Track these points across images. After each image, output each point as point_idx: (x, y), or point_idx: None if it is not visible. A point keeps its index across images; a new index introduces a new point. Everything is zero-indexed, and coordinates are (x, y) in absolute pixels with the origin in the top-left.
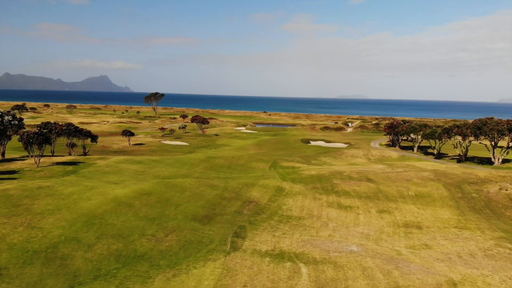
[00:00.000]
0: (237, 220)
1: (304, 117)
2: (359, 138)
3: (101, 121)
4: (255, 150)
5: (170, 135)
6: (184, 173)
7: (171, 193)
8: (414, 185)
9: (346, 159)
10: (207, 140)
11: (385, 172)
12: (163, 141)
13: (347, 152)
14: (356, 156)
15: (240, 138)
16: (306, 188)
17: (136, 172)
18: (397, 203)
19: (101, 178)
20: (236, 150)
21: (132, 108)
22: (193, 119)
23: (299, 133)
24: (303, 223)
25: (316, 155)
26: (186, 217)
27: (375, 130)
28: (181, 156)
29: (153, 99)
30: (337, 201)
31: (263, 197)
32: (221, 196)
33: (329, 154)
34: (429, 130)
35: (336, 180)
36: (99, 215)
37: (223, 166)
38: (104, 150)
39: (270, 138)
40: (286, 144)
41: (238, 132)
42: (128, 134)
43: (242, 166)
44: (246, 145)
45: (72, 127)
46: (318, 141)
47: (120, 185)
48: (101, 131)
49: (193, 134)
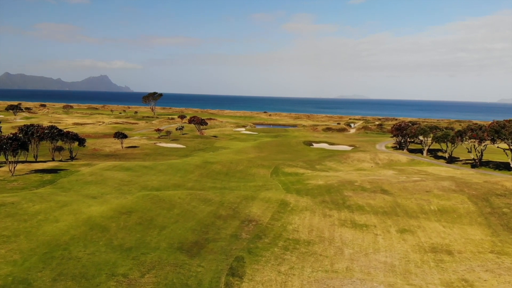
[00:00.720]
0: (234, 248)
1: (305, 118)
2: (364, 140)
3: (96, 122)
4: (255, 154)
5: (166, 137)
6: (176, 182)
7: (157, 210)
8: (436, 197)
9: (352, 163)
10: (205, 142)
11: (400, 182)
12: (158, 143)
13: (353, 156)
14: (363, 160)
15: (239, 140)
16: (314, 202)
17: (121, 182)
18: (418, 220)
19: (80, 190)
20: (235, 153)
21: (130, 108)
22: (190, 120)
23: (300, 134)
24: (313, 250)
25: (320, 159)
26: (170, 245)
27: (379, 131)
28: (175, 161)
29: (151, 99)
30: (350, 218)
31: (264, 214)
32: (216, 214)
33: (334, 158)
34: (440, 133)
35: (347, 192)
36: (64, 244)
37: (220, 172)
38: (94, 154)
39: (270, 140)
40: (287, 146)
41: (237, 133)
42: (121, 137)
43: (241, 173)
44: (246, 147)
45: (56, 130)
46: (321, 143)
47: (99, 200)
48: (95, 132)
49: (190, 136)
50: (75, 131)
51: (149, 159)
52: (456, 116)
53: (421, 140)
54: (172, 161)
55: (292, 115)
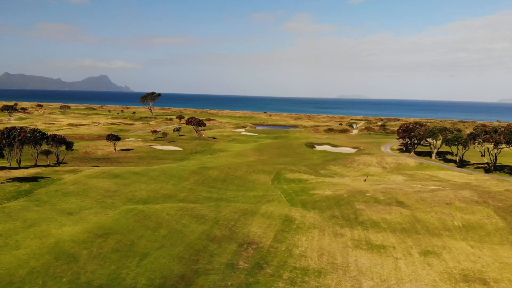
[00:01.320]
0: (229, 284)
1: (305, 118)
2: (367, 141)
3: (92, 123)
4: (255, 157)
5: (163, 138)
6: (167, 193)
7: (140, 231)
8: (458, 210)
9: (358, 167)
10: (203, 144)
11: (417, 192)
12: (154, 145)
13: (358, 159)
14: (369, 164)
15: (239, 141)
16: (322, 217)
17: (106, 193)
18: (442, 239)
19: (57, 203)
20: (234, 156)
21: (128, 108)
22: (188, 121)
23: (302, 135)
24: (326, 284)
25: (324, 163)
26: (151, 281)
27: (382, 132)
28: (170, 165)
29: (149, 99)
30: (365, 237)
31: (266, 233)
32: (209, 235)
33: (338, 162)
34: (451, 135)
35: (358, 204)
36: (18, 282)
37: (217, 179)
38: (86, 157)
39: (271, 142)
40: (289, 149)
41: (237, 134)
42: (114, 139)
43: (240, 179)
44: (245, 150)
45: (38, 133)
46: (324, 145)
47: (75, 217)
48: (89, 134)
49: (188, 138)
50: (70, 132)
51: (142, 163)
52: (457, 116)
53: (429, 143)
54: (166, 166)
55: (293, 116)
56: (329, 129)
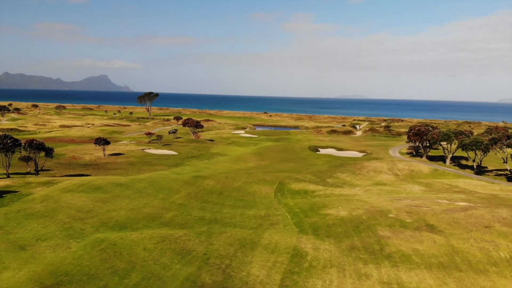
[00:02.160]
0: None
1: (307, 119)
2: (373, 144)
3: (85, 124)
4: (255, 162)
5: (158, 141)
6: (151, 212)
7: (105, 277)
8: (501, 237)
9: (368, 175)
10: (200, 148)
11: (447, 212)
12: (147, 149)
13: (367, 165)
14: (380, 171)
15: (238, 144)
16: (340, 250)
17: (77, 214)
18: (490, 277)
19: (13, 229)
20: (232, 161)
21: (126, 108)
22: (184, 123)
23: (304, 137)
24: None
25: (331, 170)
26: None
27: (388, 134)
28: (161, 174)
29: (147, 99)
30: (395, 278)
31: (270, 277)
32: (196, 283)
33: (346, 168)
34: (468, 140)
35: (382, 229)
36: None
37: (212, 191)
38: (71, 163)
39: (272, 145)
40: (291, 153)
41: (236, 136)
42: (103, 143)
43: (238, 192)
44: (245, 154)
45: (9, 140)
46: (328, 149)
47: (26, 253)
48: (80, 136)
49: (184, 140)
50: (60, 134)
51: (132, 170)
52: (459, 116)
53: (443, 147)
54: (157, 174)
55: (294, 116)
56: (332, 130)
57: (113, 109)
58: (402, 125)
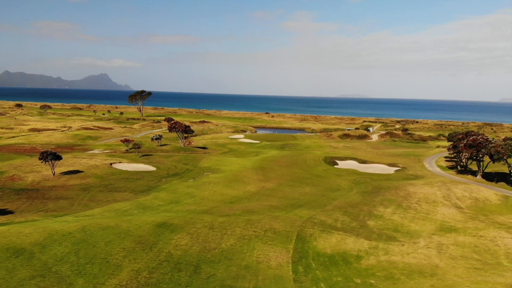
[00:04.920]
0: None
1: (312, 119)
2: (399, 153)
3: (62, 127)
4: (257, 183)
5: (136, 150)
6: None
7: None
8: None
9: (421, 209)
10: (187, 160)
11: None
12: (117, 163)
13: (413, 191)
14: (434, 200)
15: (236, 153)
16: None
17: None
18: None
19: None
20: (227, 183)
21: (117, 108)
22: (170, 127)
23: (314, 144)
24: None
25: (367, 201)
26: None
27: (409, 139)
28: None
29: (139, 98)
30: None
31: None
32: None
33: (386, 197)
34: None
35: None
36: None
37: (182, 265)
38: (4, 187)
39: (278, 155)
40: (304, 167)
41: (234, 142)
42: (50, 158)
43: (228, 264)
44: (244, 170)
45: None
46: (348, 160)
47: None
48: (46, 143)
49: (170, 148)
50: (22, 141)
51: (80, 202)
52: (468, 117)
53: (509, 164)
54: (97, 223)
55: (297, 117)
56: (344, 134)
57: (104, 109)
58: (419, 127)
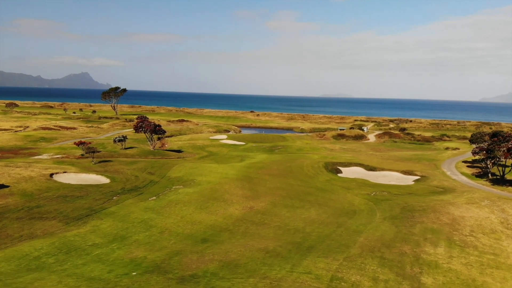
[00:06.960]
0: None
1: (300, 119)
2: (407, 156)
3: (19, 126)
4: (242, 204)
5: (91, 155)
6: None
7: None
8: None
9: (480, 245)
10: (154, 167)
11: None
12: (60, 173)
13: (461, 216)
14: (492, 229)
15: (216, 157)
16: None
17: None
18: None
19: None
20: (201, 203)
21: (91, 106)
22: (137, 127)
23: (306, 145)
24: None
25: (404, 236)
26: None
27: (412, 140)
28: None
29: (112, 95)
30: None
31: None
32: None
33: (427, 226)
34: None
35: None
36: None
37: None
38: None
39: (267, 160)
40: (301, 177)
41: (215, 143)
42: None
43: None
44: (226, 181)
45: None
46: (353, 167)
47: None
48: None
49: (136, 152)
50: None
51: None
52: (455, 116)
53: None
54: None
55: (285, 116)
56: (338, 135)
57: (76, 107)
58: (414, 126)
